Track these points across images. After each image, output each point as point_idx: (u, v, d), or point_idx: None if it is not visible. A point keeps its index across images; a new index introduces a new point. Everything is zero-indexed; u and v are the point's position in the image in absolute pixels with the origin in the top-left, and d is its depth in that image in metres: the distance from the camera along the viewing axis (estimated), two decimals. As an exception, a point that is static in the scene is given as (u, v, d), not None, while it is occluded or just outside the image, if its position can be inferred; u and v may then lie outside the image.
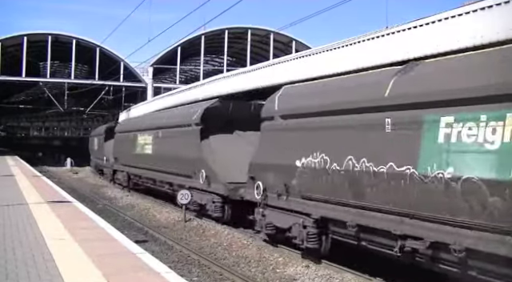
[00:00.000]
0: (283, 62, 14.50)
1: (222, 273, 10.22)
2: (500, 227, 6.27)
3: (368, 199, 8.58)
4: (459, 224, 6.82)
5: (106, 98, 45.42)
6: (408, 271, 8.97)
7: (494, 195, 6.31)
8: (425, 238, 7.37)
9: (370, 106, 8.64)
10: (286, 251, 11.81)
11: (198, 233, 14.62)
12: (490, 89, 6.57)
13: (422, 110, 7.56)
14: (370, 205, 8.52)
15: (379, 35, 11.44)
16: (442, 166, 7.04)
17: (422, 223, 7.49)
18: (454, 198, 6.90)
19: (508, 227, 6.14)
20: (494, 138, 6.43)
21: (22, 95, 69.58)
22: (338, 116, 9.60)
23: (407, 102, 7.85)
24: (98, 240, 9.00)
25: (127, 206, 21.36)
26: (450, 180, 6.89)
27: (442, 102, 7.24)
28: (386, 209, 8.14)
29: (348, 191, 9.12)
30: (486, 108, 6.58)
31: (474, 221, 6.61)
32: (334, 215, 9.65)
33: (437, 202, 7.17)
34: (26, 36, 41.64)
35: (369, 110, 8.71)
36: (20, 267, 6.79)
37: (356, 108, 9.04)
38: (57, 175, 36.77)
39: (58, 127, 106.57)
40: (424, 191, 7.35)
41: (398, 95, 8.12)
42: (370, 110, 8.68)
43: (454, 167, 6.89)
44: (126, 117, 33.07)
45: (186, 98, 20.71)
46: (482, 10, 7.63)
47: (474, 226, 6.62)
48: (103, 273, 6.56)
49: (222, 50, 45.77)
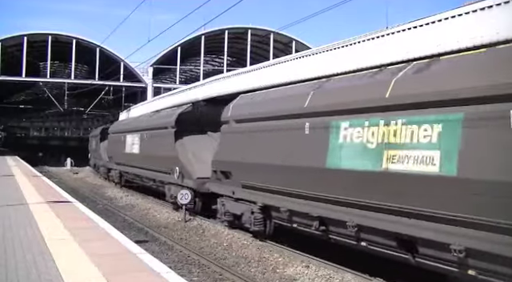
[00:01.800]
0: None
1: (221, 273, 10.23)
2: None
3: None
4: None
5: (106, 99, 45.39)
6: (408, 272, 8.98)
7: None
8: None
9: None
10: (286, 252, 11.83)
11: (198, 233, 14.63)
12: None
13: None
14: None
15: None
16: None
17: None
18: None
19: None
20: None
21: (22, 95, 69.64)
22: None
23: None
24: (98, 240, 9.01)
25: (127, 206, 21.39)
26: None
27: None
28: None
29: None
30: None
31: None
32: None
33: None
34: (26, 36, 41.59)
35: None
36: (20, 267, 6.80)
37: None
38: (57, 175, 36.78)
39: (57, 127, 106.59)
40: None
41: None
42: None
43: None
44: (126, 117, 33.20)
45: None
46: (482, 11, 7.63)
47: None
48: (103, 273, 6.56)
49: (222, 50, 45.73)
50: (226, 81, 17.13)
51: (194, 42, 43.46)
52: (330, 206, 9.66)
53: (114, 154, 29.00)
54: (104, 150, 32.97)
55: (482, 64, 7.24)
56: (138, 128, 24.21)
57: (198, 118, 18.22)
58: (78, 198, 18.85)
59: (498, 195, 6.46)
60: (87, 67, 51.78)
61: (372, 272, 9.62)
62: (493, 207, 6.56)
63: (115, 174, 29.13)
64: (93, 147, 39.56)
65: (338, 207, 9.44)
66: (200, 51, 44.23)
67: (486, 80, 6.82)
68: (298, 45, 42.89)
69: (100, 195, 25.75)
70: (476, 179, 6.72)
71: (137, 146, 23.86)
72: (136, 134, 24.18)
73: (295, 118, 10.89)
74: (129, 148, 25.33)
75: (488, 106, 6.72)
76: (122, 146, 26.59)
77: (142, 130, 23.18)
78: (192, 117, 18.37)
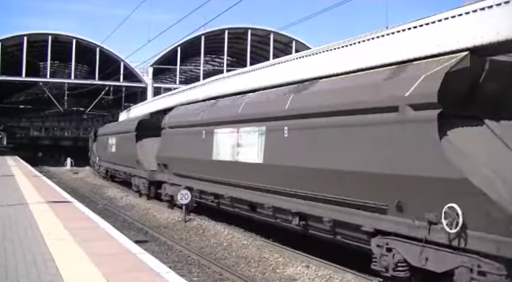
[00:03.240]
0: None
1: (221, 273, 10.22)
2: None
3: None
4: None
5: (106, 99, 45.38)
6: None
7: None
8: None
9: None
10: (286, 252, 11.83)
11: (198, 233, 14.63)
12: None
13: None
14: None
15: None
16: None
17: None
18: None
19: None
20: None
21: (22, 95, 69.60)
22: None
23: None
24: (98, 240, 9.01)
25: (127, 206, 21.39)
26: None
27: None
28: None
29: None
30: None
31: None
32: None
33: None
34: (26, 36, 41.57)
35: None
36: (20, 267, 6.80)
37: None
38: (57, 175, 36.78)
39: (57, 127, 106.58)
40: None
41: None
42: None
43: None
44: (126, 117, 33.56)
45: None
46: (482, 11, 7.62)
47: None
48: (103, 273, 6.56)
49: (222, 50, 45.70)
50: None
51: (194, 42, 43.43)
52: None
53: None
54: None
55: None
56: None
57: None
58: (78, 198, 18.86)
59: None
60: (87, 67, 51.74)
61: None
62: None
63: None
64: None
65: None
66: (200, 51, 44.20)
67: None
68: (298, 45, 42.87)
69: (100, 195, 25.75)
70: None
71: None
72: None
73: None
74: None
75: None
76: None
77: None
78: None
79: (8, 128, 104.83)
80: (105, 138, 33.21)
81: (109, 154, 31.19)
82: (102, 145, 34.25)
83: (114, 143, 29.73)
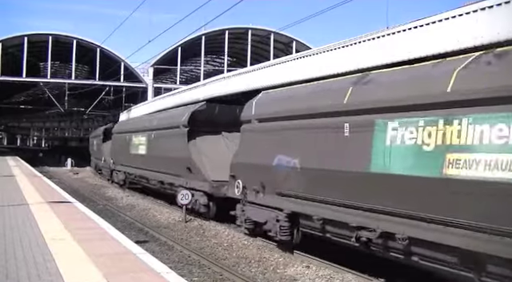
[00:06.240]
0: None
1: (222, 273, 10.21)
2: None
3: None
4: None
5: (107, 99, 45.42)
6: (408, 272, 8.98)
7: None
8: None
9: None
10: (287, 252, 11.82)
11: (199, 233, 14.61)
12: None
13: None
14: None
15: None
16: None
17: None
18: None
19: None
20: None
21: (22, 96, 69.62)
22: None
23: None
24: (98, 240, 9.01)
25: (127, 206, 21.36)
26: None
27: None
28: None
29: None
30: None
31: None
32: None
33: None
34: (26, 36, 41.64)
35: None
36: (20, 268, 6.80)
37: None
38: (57, 176, 36.76)
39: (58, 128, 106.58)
40: None
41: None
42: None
43: None
44: (126, 117, 33.15)
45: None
46: (483, 11, 7.63)
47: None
48: (103, 273, 6.56)
49: (222, 50, 45.74)
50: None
51: (195, 43, 43.47)
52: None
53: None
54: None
55: None
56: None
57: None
58: (79, 198, 18.85)
59: None
60: (87, 67, 51.81)
61: (372, 272, 9.61)
62: None
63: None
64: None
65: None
66: (200, 51, 44.25)
67: None
68: (298, 45, 42.92)
69: (100, 195, 25.72)
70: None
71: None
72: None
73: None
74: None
75: None
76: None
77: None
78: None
79: (8, 128, 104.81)
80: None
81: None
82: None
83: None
